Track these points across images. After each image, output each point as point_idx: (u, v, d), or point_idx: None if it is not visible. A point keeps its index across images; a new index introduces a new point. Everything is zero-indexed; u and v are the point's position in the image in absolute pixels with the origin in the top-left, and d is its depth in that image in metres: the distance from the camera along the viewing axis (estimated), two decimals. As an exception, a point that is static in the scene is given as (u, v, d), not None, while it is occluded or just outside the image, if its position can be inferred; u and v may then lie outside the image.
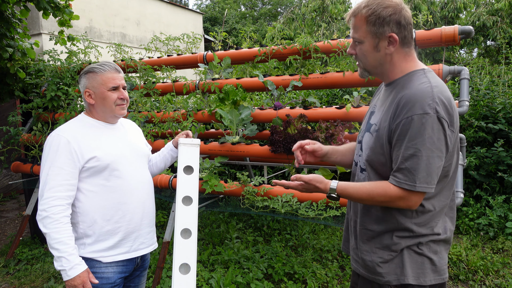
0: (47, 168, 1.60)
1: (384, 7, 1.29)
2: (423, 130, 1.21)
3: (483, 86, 4.99)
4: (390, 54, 1.33)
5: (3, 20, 3.54)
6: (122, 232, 1.70)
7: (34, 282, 3.33)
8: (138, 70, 3.61)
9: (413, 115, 1.22)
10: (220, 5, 23.16)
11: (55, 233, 1.54)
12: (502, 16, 9.70)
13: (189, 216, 1.63)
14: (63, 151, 1.60)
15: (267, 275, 3.29)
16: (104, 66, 1.73)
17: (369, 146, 1.38)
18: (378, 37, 1.31)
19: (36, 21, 7.07)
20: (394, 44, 1.31)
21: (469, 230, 4.23)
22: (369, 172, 1.39)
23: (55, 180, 1.58)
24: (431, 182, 1.24)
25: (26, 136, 3.93)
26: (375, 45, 1.33)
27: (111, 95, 1.72)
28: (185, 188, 1.69)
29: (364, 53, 1.36)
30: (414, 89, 1.26)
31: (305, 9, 10.99)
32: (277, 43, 3.52)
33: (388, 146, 1.31)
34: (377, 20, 1.29)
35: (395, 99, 1.30)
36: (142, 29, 9.39)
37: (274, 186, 2.85)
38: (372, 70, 1.40)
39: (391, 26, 1.29)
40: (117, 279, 1.71)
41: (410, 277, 1.31)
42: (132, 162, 1.77)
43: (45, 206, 1.56)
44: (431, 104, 1.21)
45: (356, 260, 1.47)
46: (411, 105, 1.23)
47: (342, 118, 2.78)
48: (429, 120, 1.20)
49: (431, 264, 1.33)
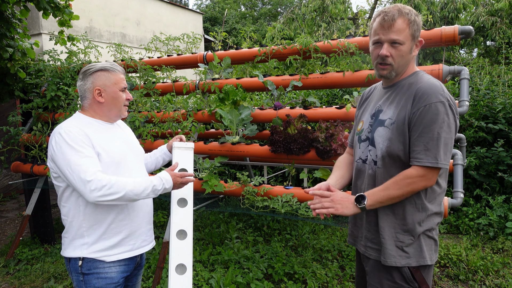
0: (76, 159, 1.53)
1: (415, 14, 1.47)
2: (440, 115, 1.39)
3: (483, 86, 4.99)
4: (413, 56, 1.52)
5: (3, 20, 3.54)
6: (126, 230, 1.70)
7: (34, 282, 3.33)
8: (138, 70, 3.61)
9: (430, 103, 1.40)
10: (220, 5, 23.17)
11: (119, 183, 1.53)
12: (502, 16, 9.70)
13: (185, 217, 1.64)
14: (77, 141, 1.56)
15: (267, 275, 3.30)
16: (116, 66, 1.72)
17: (388, 137, 1.50)
18: (414, 41, 1.49)
19: (36, 21, 7.07)
20: (418, 48, 1.53)
21: (469, 230, 4.23)
22: (386, 163, 1.51)
23: (83, 164, 1.53)
24: (447, 160, 1.43)
25: (26, 136, 3.93)
26: (411, 48, 1.49)
27: (121, 95, 1.72)
28: (180, 190, 1.71)
29: (402, 54, 1.48)
30: (427, 83, 1.45)
31: (305, 9, 10.99)
32: (277, 43, 3.52)
33: (408, 133, 1.45)
34: (417, 26, 1.47)
35: (411, 93, 1.46)
36: (142, 29, 9.39)
37: (274, 186, 2.85)
38: (399, 70, 1.52)
39: (420, 32, 1.50)
40: (120, 278, 1.71)
41: (428, 259, 1.50)
42: (133, 161, 1.77)
43: (94, 184, 1.50)
44: (443, 94, 1.42)
45: (371, 247, 1.58)
46: (427, 95, 1.41)
47: (342, 118, 2.78)
48: (443, 107, 1.40)
49: (435, 245, 1.54)
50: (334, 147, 2.59)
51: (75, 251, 1.65)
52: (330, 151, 2.61)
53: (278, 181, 5.63)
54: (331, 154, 2.61)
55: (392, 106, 1.52)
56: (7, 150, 4.41)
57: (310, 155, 2.71)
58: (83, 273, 1.65)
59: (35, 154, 3.88)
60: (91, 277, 1.65)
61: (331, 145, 2.61)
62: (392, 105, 1.52)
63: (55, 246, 4.14)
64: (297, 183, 5.44)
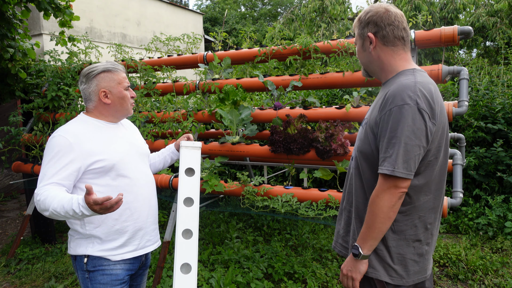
0: (45, 169, 1.57)
1: (366, 12, 1.49)
2: (402, 119, 1.28)
3: (482, 86, 5.00)
4: (376, 52, 1.47)
5: (4, 21, 3.55)
6: (130, 230, 1.71)
7: (35, 281, 3.34)
8: (139, 70, 3.62)
9: (394, 106, 1.31)
10: (220, 6, 23.18)
11: (48, 199, 1.46)
12: (502, 17, 9.71)
13: (190, 217, 1.65)
14: (64, 153, 1.57)
15: (267, 274, 3.31)
16: (117, 66, 1.71)
17: (359, 137, 1.52)
18: (362, 38, 1.50)
19: (37, 21, 7.08)
20: (373, 43, 1.46)
21: (468, 229, 4.24)
22: (360, 162, 1.48)
23: (52, 178, 1.55)
24: (409, 169, 1.29)
25: (27, 136, 3.94)
26: (361, 45, 1.52)
27: (127, 94, 1.73)
28: (186, 190, 1.71)
29: (357, 53, 1.56)
30: (398, 84, 1.36)
31: (305, 10, 11.00)
32: (277, 43, 3.53)
33: (372, 136, 1.41)
34: (360, 24, 1.50)
35: (384, 95, 1.39)
36: (142, 30, 9.40)
37: (274, 186, 2.86)
38: (366, 69, 1.57)
39: (369, 27, 1.47)
40: (125, 275, 1.72)
41: (385, 276, 1.47)
42: (136, 161, 1.77)
43: (39, 191, 1.52)
44: (411, 96, 1.29)
45: (341, 244, 1.61)
46: (393, 98, 1.32)
47: (342, 118, 2.79)
48: (409, 110, 1.28)
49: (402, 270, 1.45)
50: (334, 147, 2.60)
51: (80, 248, 1.67)
52: (330, 151, 2.62)
53: (278, 181, 5.64)
54: (331, 154, 2.63)
55: (371, 106, 1.52)
56: (8, 150, 4.42)
57: (310, 155, 2.72)
58: (88, 270, 1.67)
59: (36, 154, 3.89)
60: (96, 273, 1.66)
61: (331, 145, 2.62)
62: (372, 105, 1.52)
63: (55, 245, 4.15)
64: (297, 183, 5.45)
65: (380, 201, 1.32)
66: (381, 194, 1.32)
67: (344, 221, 1.58)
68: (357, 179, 1.50)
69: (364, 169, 1.46)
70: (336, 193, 2.62)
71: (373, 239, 1.36)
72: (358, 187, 1.49)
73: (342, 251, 1.58)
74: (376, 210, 1.33)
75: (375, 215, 1.33)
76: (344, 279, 1.46)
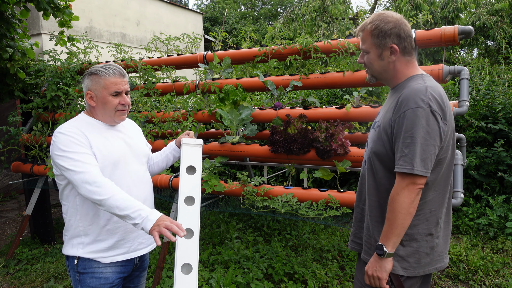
0: (68, 160, 1.56)
1: (386, 22, 1.51)
2: (417, 121, 1.37)
3: (483, 86, 4.99)
4: (393, 62, 1.53)
5: (3, 21, 3.54)
6: (121, 231, 1.70)
7: (34, 282, 3.33)
8: (138, 70, 3.61)
9: (408, 109, 1.40)
10: (220, 5, 23.16)
11: (113, 197, 1.50)
12: (503, 16, 9.69)
13: (192, 216, 1.62)
14: (75, 141, 1.59)
15: (267, 275, 3.30)
16: (109, 70, 1.68)
17: (373, 139, 1.57)
18: (381, 48, 1.53)
19: (36, 21, 7.07)
20: (396, 54, 1.52)
21: (469, 230, 4.23)
22: (374, 163, 1.55)
23: (79, 160, 1.56)
24: (427, 167, 1.39)
25: (26, 136, 3.93)
26: (379, 55, 1.54)
27: (112, 100, 1.69)
28: (187, 188, 1.69)
29: (370, 61, 1.58)
30: (410, 88, 1.45)
31: (305, 9, 10.98)
32: (277, 43, 3.52)
33: (386, 137, 1.49)
34: (380, 33, 1.51)
35: (397, 99, 1.48)
36: (142, 29, 9.39)
37: (274, 186, 2.85)
38: (378, 76, 1.60)
39: (392, 38, 1.51)
40: (115, 279, 1.71)
41: (400, 269, 1.53)
42: (132, 162, 1.76)
43: (87, 176, 1.52)
44: (424, 99, 1.39)
45: (354, 241, 1.70)
46: (407, 101, 1.41)
47: (342, 118, 2.78)
48: (423, 113, 1.38)
49: (416, 261, 1.53)
50: (334, 147, 2.59)
51: (72, 249, 1.67)
52: (330, 151, 2.61)
53: (278, 181, 5.63)
54: (331, 154, 2.62)
55: (383, 109, 1.60)
56: (7, 150, 4.41)
57: (310, 155, 2.71)
58: (79, 272, 1.67)
59: (35, 154, 3.88)
60: (85, 276, 1.66)
61: (331, 145, 2.61)
62: (384, 109, 1.59)
63: (55, 246, 4.14)
64: (297, 183, 5.44)
65: (400, 198, 1.39)
66: (401, 192, 1.39)
67: (356, 219, 1.69)
68: (370, 179, 1.58)
69: (378, 169, 1.54)
70: (336, 193, 2.61)
71: (396, 236, 1.42)
72: (371, 187, 1.57)
73: (355, 247, 1.67)
74: (398, 207, 1.39)
75: (397, 212, 1.39)
76: (370, 280, 1.50)
